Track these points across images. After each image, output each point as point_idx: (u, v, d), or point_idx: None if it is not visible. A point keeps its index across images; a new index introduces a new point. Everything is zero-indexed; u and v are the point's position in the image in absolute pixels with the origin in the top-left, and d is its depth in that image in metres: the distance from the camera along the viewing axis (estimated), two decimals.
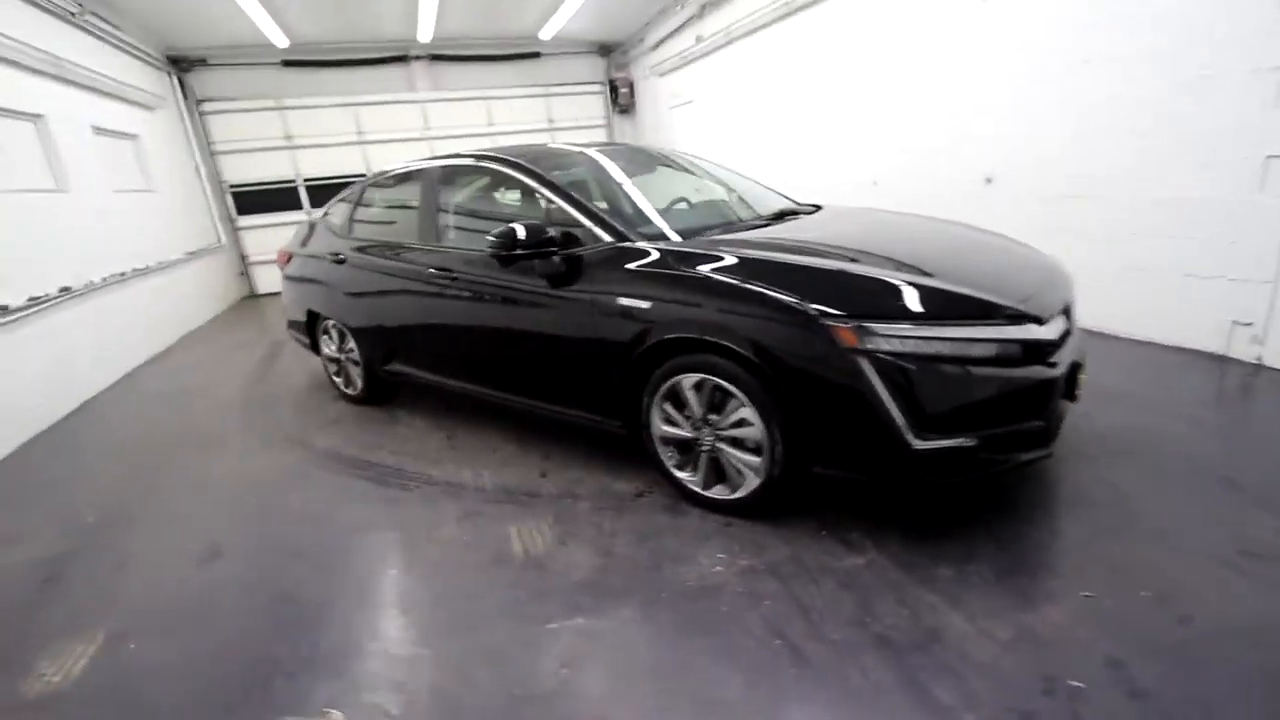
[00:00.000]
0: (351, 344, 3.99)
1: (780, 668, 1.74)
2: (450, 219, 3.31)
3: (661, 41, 9.32)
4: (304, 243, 4.32)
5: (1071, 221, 4.09)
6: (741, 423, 2.30)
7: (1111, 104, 3.78)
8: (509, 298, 2.89)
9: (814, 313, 2.06)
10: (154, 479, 3.38)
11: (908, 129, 5.40)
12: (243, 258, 9.48)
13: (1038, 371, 2.10)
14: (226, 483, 3.25)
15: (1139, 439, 2.79)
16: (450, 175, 3.38)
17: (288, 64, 9.03)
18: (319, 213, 4.41)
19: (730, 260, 2.34)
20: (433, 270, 3.21)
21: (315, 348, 4.42)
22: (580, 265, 2.63)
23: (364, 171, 9.62)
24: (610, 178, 3.15)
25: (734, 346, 2.20)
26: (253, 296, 9.57)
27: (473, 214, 3.31)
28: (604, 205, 2.83)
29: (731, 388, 2.27)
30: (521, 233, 2.61)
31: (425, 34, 8.70)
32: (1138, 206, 3.74)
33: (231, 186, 9.18)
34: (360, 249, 3.77)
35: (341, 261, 3.84)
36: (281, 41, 8.13)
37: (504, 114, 10.27)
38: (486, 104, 10.15)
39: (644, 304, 2.42)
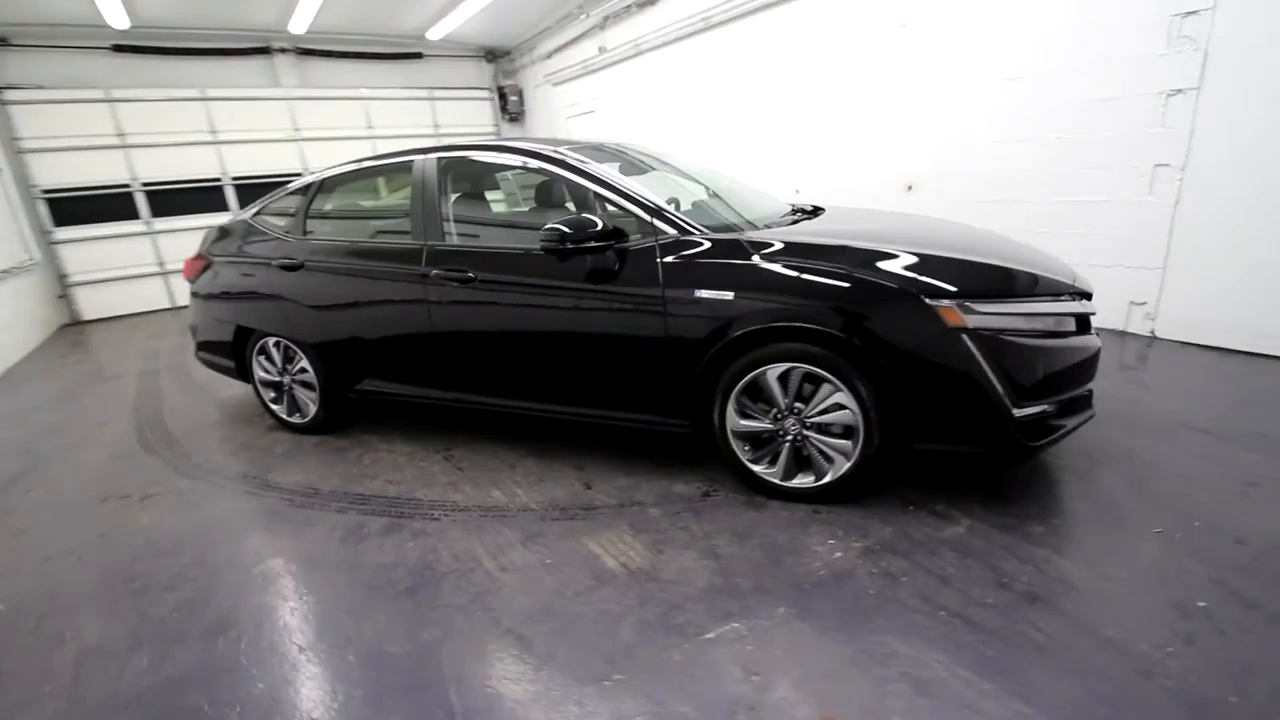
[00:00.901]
0: (304, 364, 3.44)
1: (964, 637, 1.77)
2: (461, 215, 2.99)
3: (556, 51, 9.24)
4: (225, 249, 3.66)
5: (994, 223, 4.66)
6: (833, 408, 2.33)
7: (1031, 117, 4.38)
8: (552, 297, 2.66)
9: (921, 294, 2.15)
10: (97, 554, 2.66)
11: (830, 139, 5.83)
12: (61, 278, 7.81)
13: (1091, 341, 2.36)
14: (190, 541, 2.63)
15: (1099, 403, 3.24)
16: (453, 167, 3.04)
17: (120, 49, 7.66)
18: (242, 213, 3.77)
19: (816, 247, 2.37)
20: (437, 273, 2.87)
21: (243, 372, 3.75)
22: (640, 260, 2.51)
23: (219, 176, 8.43)
24: (636, 172, 3.04)
25: (836, 332, 2.22)
26: (77, 323, 7.92)
27: (489, 209, 3.02)
28: (650, 199, 2.71)
29: (826, 374, 2.29)
30: (579, 227, 2.43)
31: (300, 25, 7.83)
32: (1051, 208, 4.36)
33: (45, 192, 7.54)
34: (323, 253, 3.29)
35: (295, 268, 3.30)
36: (120, 21, 6.87)
37: (384, 116, 9.52)
38: (365, 105, 9.35)
39: (728, 295, 2.36)
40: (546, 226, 2.47)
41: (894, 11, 5.05)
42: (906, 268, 2.24)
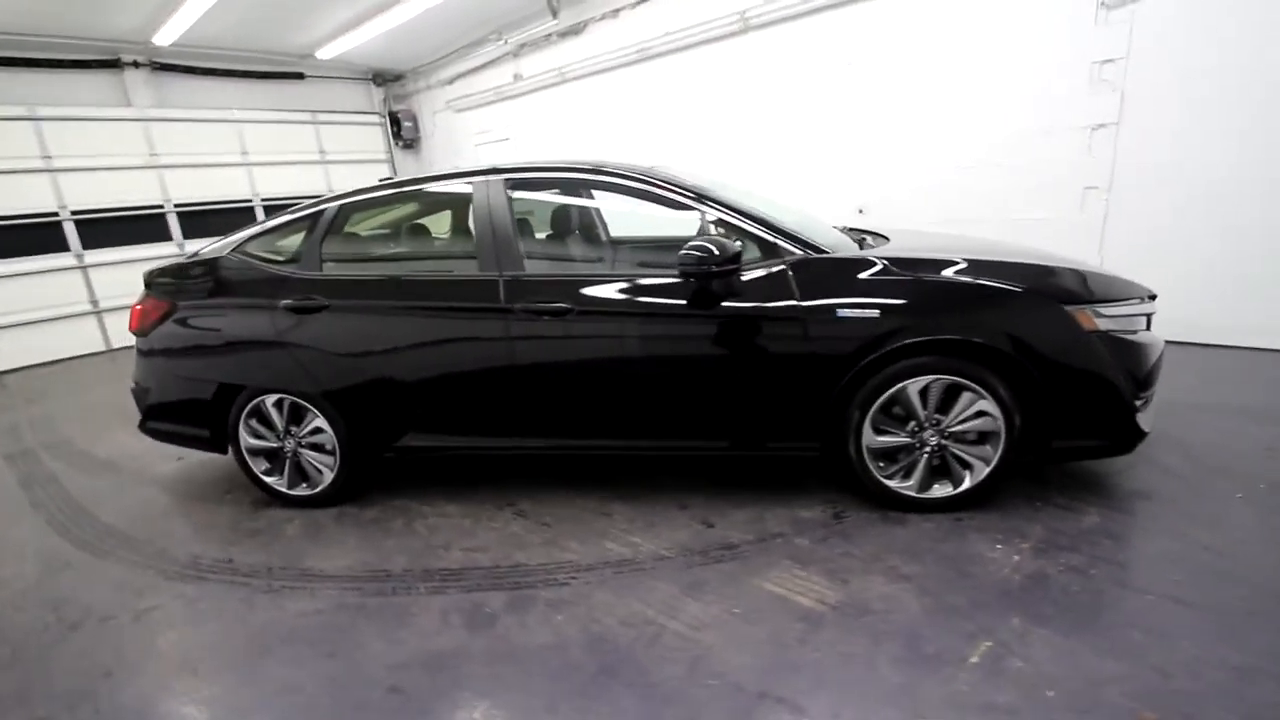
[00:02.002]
0: (318, 423, 2.88)
1: (1198, 615, 1.88)
2: (543, 242, 2.69)
3: (460, 77, 8.84)
4: (197, 292, 2.98)
5: None
6: (974, 416, 2.40)
7: (978, 146, 4.93)
8: (673, 325, 2.50)
9: (1060, 301, 2.30)
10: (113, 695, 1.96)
11: (781, 166, 6.13)
12: None
13: (1159, 338, 2.67)
14: (253, 663, 2.05)
15: None
16: (525, 189, 2.74)
17: None
18: (212, 247, 3.09)
19: (945, 263, 2.44)
20: (524, 307, 2.56)
21: (218, 442, 3.06)
22: (772, 281, 2.43)
23: (56, 210, 6.95)
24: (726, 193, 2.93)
25: (987, 342, 2.30)
26: None
27: (574, 235, 2.75)
28: (772, 219, 2.62)
29: (969, 383, 2.36)
30: (721, 249, 2.31)
31: (169, 36, 6.72)
32: (998, 226, 4.92)
33: None
34: (354, 290, 2.80)
35: (312, 310, 2.77)
36: None
37: (262, 141, 8.45)
38: (238, 128, 8.23)
39: (873, 313, 2.36)
40: (686, 249, 2.32)
41: (841, 50, 5.48)
42: (1034, 278, 2.39)
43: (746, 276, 2.44)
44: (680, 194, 2.59)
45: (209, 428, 3.04)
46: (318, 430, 2.92)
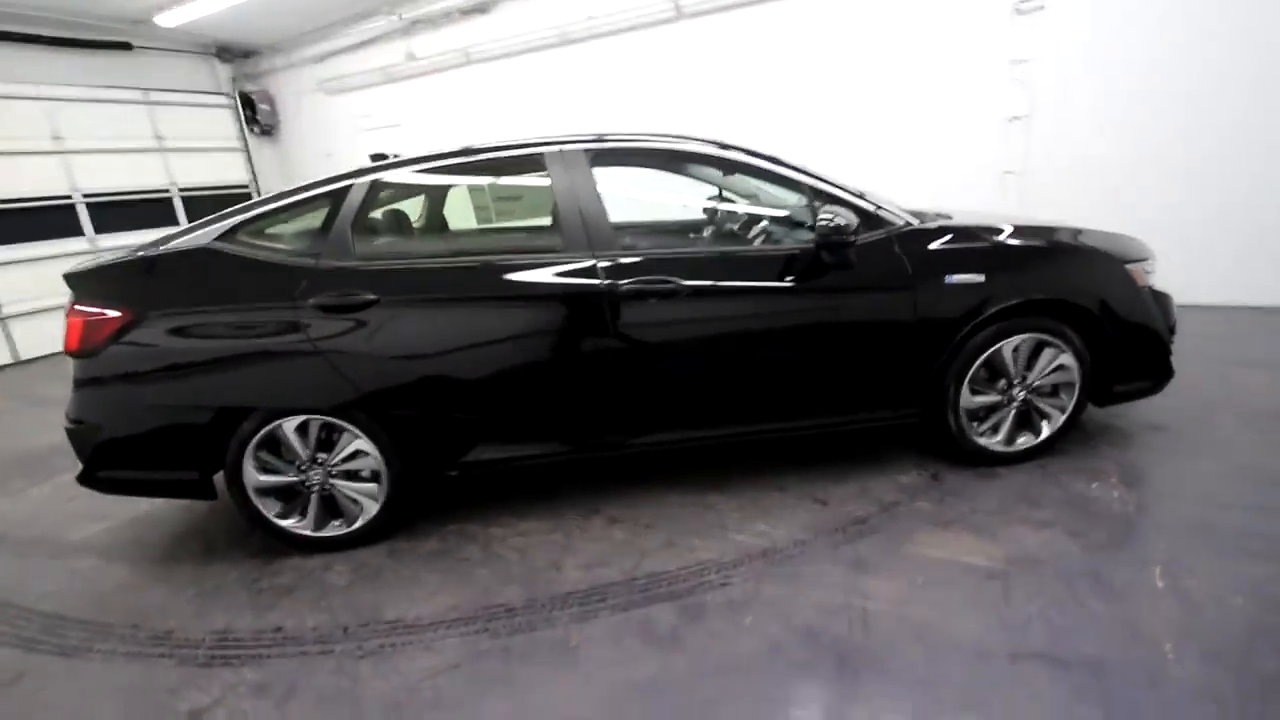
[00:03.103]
0: (359, 445, 2.38)
1: None
2: (638, 218, 2.42)
3: (333, 55, 7.84)
4: (174, 294, 2.29)
5: None
6: (1056, 370, 2.60)
7: (909, 134, 5.36)
8: (789, 300, 2.40)
9: (1123, 261, 2.56)
10: None
11: None
12: None
13: None
14: None
15: None
16: (610, 161, 2.45)
17: None
18: (189, 236, 2.38)
19: (1033, 230, 2.61)
20: (629, 287, 2.31)
21: (204, 485, 2.40)
22: (878, 251, 2.43)
23: None
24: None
25: (1074, 300, 2.49)
26: None
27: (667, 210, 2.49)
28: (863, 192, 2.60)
29: (1053, 339, 2.55)
30: (847, 221, 2.26)
31: None
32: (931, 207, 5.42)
33: None
34: (411, 280, 2.34)
35: (356, 307, 2.27)
36: None
37: (80, 123, 6.81)
38: (48, 108, 6.55)
39: (979, 278, 2.45)
40: (822, 221, 2.23)
41: (776, 41, 5.66)
42: (1102, 241, 2.64)
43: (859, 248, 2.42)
44: (778, 166, 2.51)
45: (198, 468, 2.38)
46: (357, 454, 2.41)
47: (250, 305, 2.29)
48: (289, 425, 2.35)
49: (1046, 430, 2.69)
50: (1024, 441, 2.69)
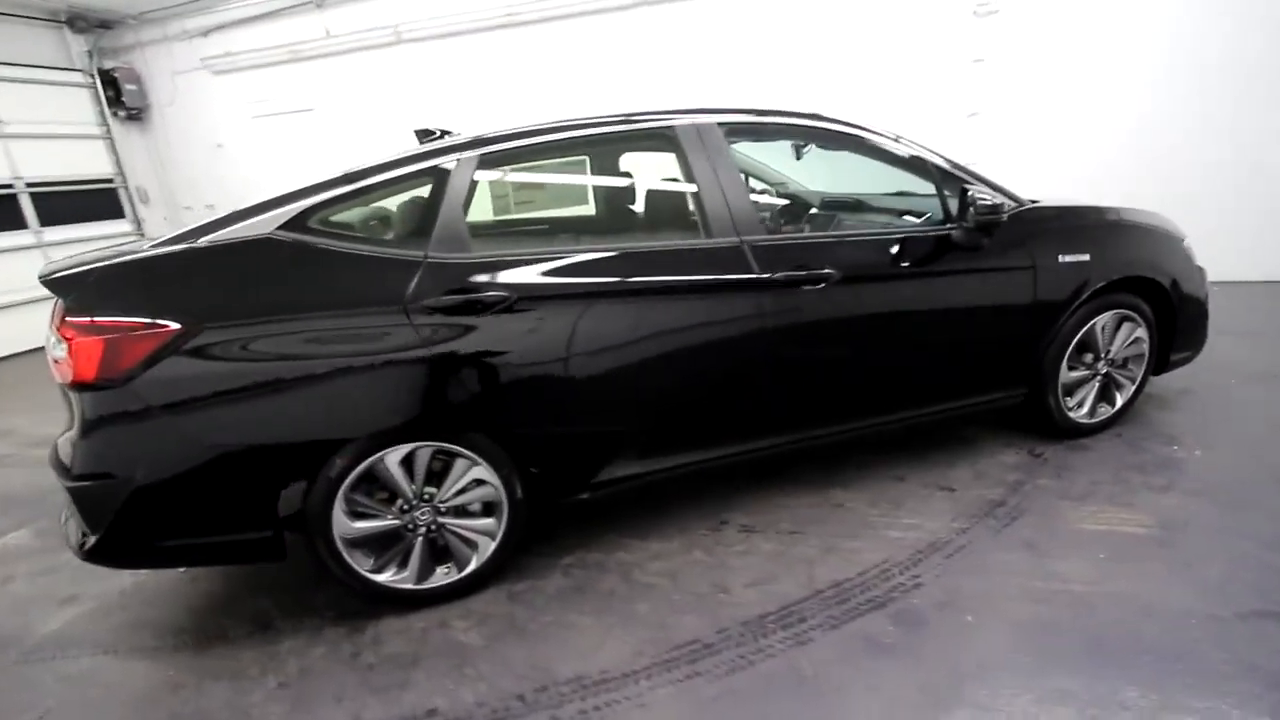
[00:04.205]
0: (479, 473, 1.98)
1: None
2: (775, 199, 2.20)
3: (221, 28, 6.75)
4: (243, 302, 1.76)
5: None
6: (1133, 343, 2.75)
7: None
8: (933, 284, 2.35)
9: (1184, 240, 2.76)
10: None
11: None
12: None
13: None
14: None
15: None
16: (745, 135, 2.21)
17: None
18: (246, 223, 1.84)
19: (1108, 209, 2.72)
20: (786, 275, 2.11)
21: (276, 543, 1.88)
22: (1002, 231, 2.42)
23: None
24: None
25: (1156, 277, 2.64)
26: None
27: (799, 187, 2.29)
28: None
29: (1134, 315, 2.69)
30: (1005, 199, 2.23)
31: None
32: None
33: None
34: (549, 274, 1.98)
35: (488, 309, 1.87)
36: None
37: None
38: None
39: (1085, 257, 2.52)
40: (982, 200, 2.17)
41: (748, 29, 5.63)
42: (1165, 221, 2.82)
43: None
44: (901, 144, 2.43)
45: (272, 522, 1.85)
46: (475, 485, 2.01)
47: (347, 311, 1.82)
48: (393, 457, 1.90)
49: (1120, 400, 2.85)
50: (1103, 412, 2.83)
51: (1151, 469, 2.57)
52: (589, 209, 2.36)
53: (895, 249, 2.31)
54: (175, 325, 1.70)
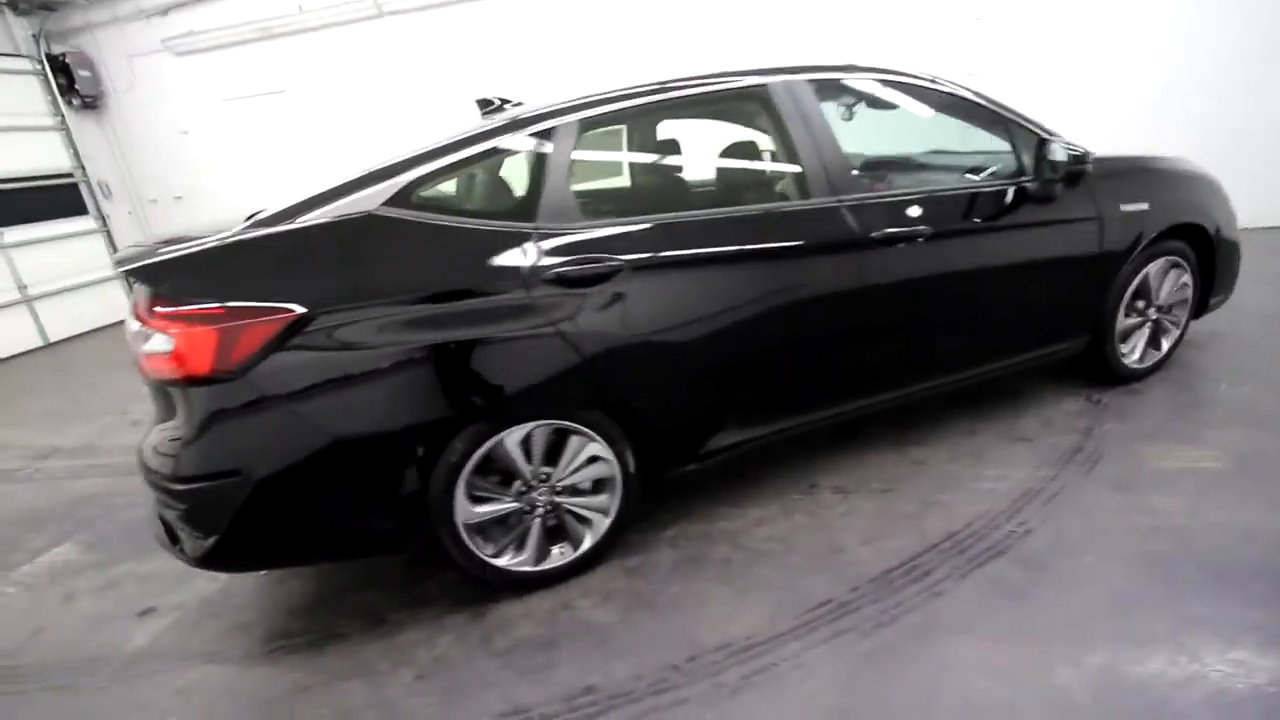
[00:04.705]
0: (595, 449, 1.95)
1: None
2: (869, 156, 2.18)
3: (184, 5, 6.32)
4: (352, 283, 1.67)
5: None
6: (1180, 288, 2.85)
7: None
8: (1019, 236, 2.40)
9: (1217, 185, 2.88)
10: None
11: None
12: None
13: None
14: None
15: None
16: (834, 93, 2.19)
17: None
18: (348, 199, 1.74)
19: (1153, 158, 2.80)
20: (883, 234, 2.11)
21: (400, 535, 1.81)
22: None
23: None
24: None
25: (1203, 223, 2.74)
26: None
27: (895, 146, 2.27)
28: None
29: (1182, 262, 2.79)
30: (1086, 150, 2.27)
31: None
32: None
33: None
34: (652, 238, 1.93)
35: (602, 277, 1.82)
36: None
37: None
38: None
39: (1144, 206, 2.59)
40: (1073, 151, 2.22)
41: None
42: (1190, 168, 2.91)
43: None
44: (980, 99, 2.44)
45: (397, 512, 1.78)
46: (591, 461, 1.97)
47: (465, 288, 1.74)
48: (513, 438, 1.85)
49: (1165, 345, 2.96)
50: (1151, 357, 2.94)
51: (1206, 407, 2.70)
52: (684, 173, 2.30)
53: (979, 203, 2.34)
54: (294, 309, 1.61)
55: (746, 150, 2.26)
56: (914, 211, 2.20)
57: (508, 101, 2.49)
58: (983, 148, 2.50)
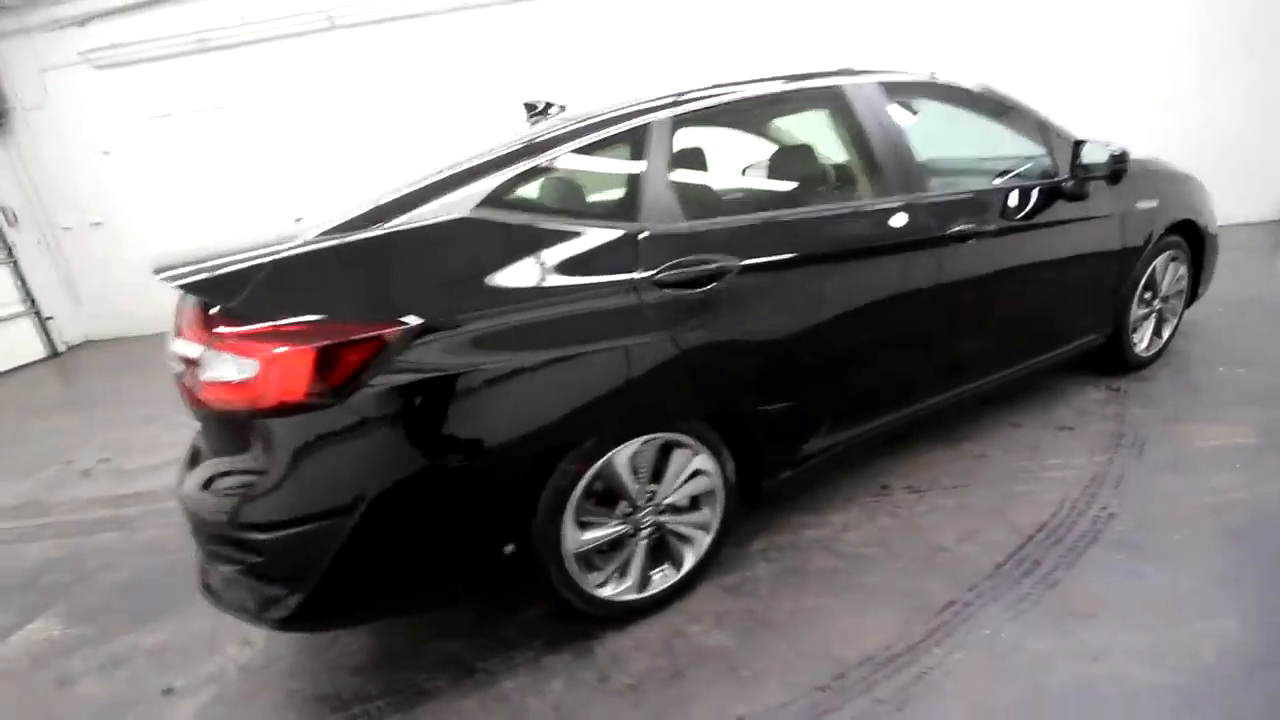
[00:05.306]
0: (700, 462, 1.84)
1: None
2: (935, 157, 2.20)
3: (109, 14, 5.78)
4: (465, 284, 1.51)
5: None
6: (1178, 279, 3.06)
7: None
8: (1055, 234, 2.49)
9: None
10: None
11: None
12: None
13: None
14: None
15: None
16: (903, 95, 2.20)
17: None
18: (425, 210, 1.56)
19: (1149, 159, 2.97)
20: (957, 231, 2.15)
21: (506, 570, 1.63)
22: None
23: None
24: None
25: (1197, 220, 2.95)
26: None
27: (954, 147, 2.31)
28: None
29: (1178, 254, 3.00)
30: (1124, 149, 2.40)
31: None
32: None
33: None
34: (764, 239, 1.87)
35: (715, 278, 1.72)
36: None
37: None
38: None
39: (1154, 203, 2.77)
40: (1111, 152, 2.32)
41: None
42: (1181, 169, 3.14)
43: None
44: (1009, 101, 2.53)
45: (514, 537, 1.60)
46: (694, 476, 1.85)
47: (574, 294, 1.60)
48: (622, 455, 1.71)
49: (1165, 333, 3.16)
50: (1155, 345, 3.13)
51: (1214, 389, 2.88)
52: (778, 171, 2.26)
53: (1029, 201, 2.41)
54: (402, 322, 1.42)
55: (832, 149, 2.24)
56: (977, 208, 2.25)
57: (550, 104, 2.37)
58: (1018, 149, 2.59)
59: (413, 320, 1.41)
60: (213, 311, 1.42)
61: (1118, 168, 2.44)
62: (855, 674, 1.64)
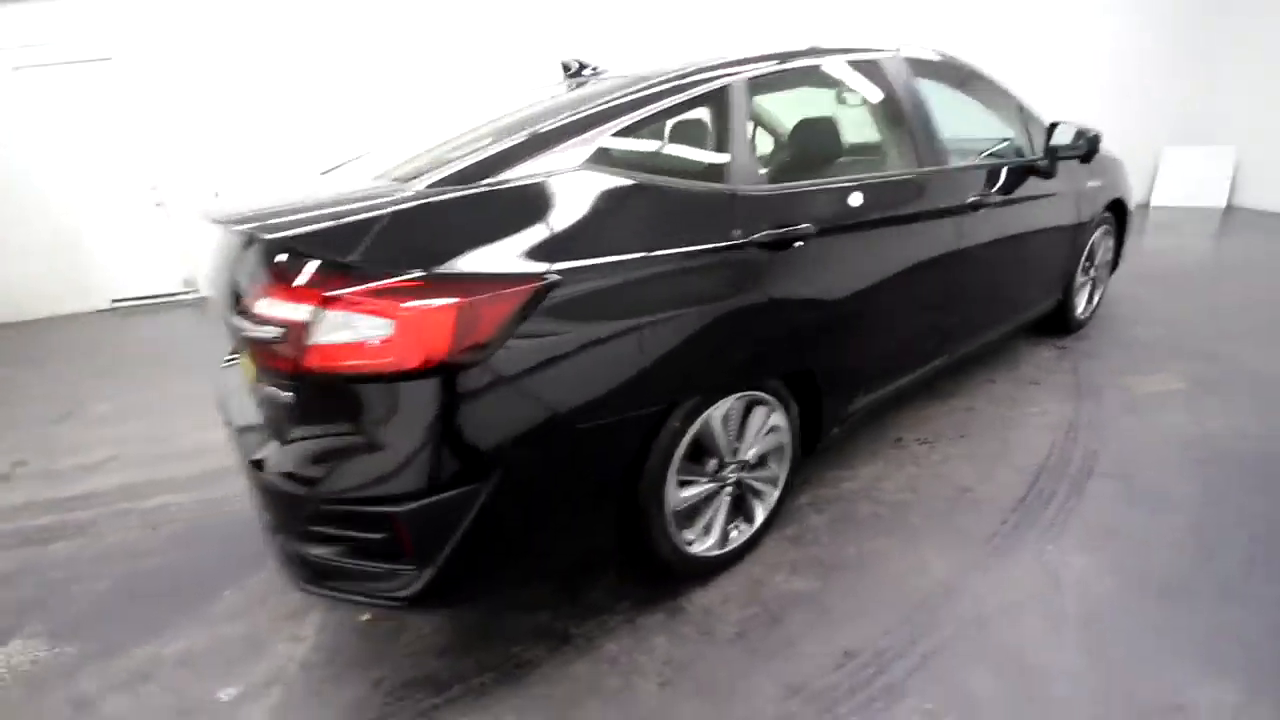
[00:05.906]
0: (775, 419, 1.92)
1: None
2: (946, 131, 2.34)
3: None
4: (585, 238, 1.46)
5: None
6: (1107, 250, 3.52)
7: None
8: (1038, 207, 2.78)
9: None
10: None
11: None
12: None
13: None
14: None
15: None
16: (924, 72, 2.33)
17: None
18: (535, 163, 1.49)
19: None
20: (975, 200, 2.37)
21: (650, 509, 1.65)
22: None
23: None
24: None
25: (1123, 197, 3.41)
26: None
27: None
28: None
29: (1109, 228, 3.45)
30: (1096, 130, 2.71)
31: None
32: None
33: None
34: (832, 204, 1.94)
35: (800, 239, 1.79)
36: None
37: None
38: None
39: (1099, 183, 3.15)
40: (1088, 134, 2.60)
41: None
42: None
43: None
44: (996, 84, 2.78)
45: (624, 504, 1.59)
46: (770, 432, 1.92)
47: (690, 253, 1.61)
48: (719, 412, 1.75)
49: (1096, 298, 3.63)
50: (1089, 309, 3.59)
51: (1141, 345, 3.36)
52: (848, 136, 2.32)
53: (1017, 177, 2.68)
54: (543, 275, 1.36)
55: (877, 120, 2.35)
56: (984, 180, 2.49)
57: (584, 66, 2.31)
58: (1000, 128, 2.85)
59: (552, 275, 1.37)
60: (315, 268, 1.29)
61: (1090, 148, 2.77)
62: (937, 600, 1.80)
